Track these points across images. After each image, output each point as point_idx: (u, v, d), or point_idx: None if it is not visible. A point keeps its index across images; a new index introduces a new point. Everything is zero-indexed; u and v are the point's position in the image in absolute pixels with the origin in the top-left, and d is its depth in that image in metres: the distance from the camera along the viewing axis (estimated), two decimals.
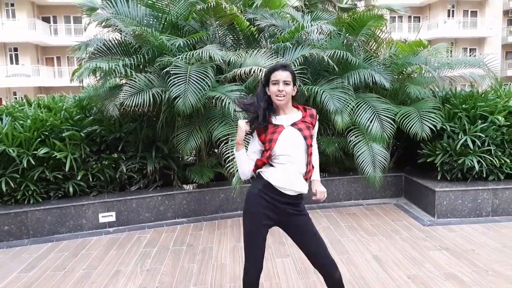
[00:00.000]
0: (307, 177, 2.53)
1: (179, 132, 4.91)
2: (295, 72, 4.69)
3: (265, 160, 2.50)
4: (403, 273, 3.63)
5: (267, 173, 2.51)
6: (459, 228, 4.67)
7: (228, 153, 4.66)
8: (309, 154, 2.52)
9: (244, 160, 2.57)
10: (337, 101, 5.06)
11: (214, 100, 4.65)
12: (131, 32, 4.87)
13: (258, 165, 2.55)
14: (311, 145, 2.51)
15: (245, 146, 2.62)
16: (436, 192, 4.96)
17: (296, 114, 2.56)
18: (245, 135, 2.55)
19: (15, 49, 25.24)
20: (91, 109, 5.44)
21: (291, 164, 2.47)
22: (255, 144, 2.56)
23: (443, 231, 4.61)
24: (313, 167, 2.60)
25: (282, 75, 2.47)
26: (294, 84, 2.54)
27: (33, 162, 4.73)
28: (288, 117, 2.53)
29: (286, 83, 2.47)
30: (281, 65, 2.56)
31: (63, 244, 4.55)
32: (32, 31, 24.42)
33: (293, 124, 2.50)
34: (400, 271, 3.67)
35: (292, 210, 2.54)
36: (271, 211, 2.53)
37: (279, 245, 4.32)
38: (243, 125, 2.50)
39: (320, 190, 2.68)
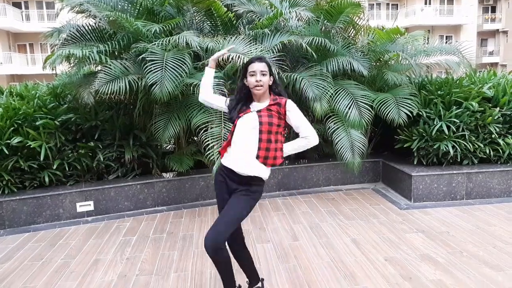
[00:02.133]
0: (262, 161, 2.61)
1: (157, 120, 4.86)
2: (274, 58, 4.73)
3: (226, 144, 2.71)
4: (381, 256, 3.71)
5: (223, 158, 2.73)
6: (434, 211, 4.79)
7: (208, 140, 4.64)
8: (262, 140, 2.59)
9: (209, 80, 2.89)
10: (316, 88, 5.07)
11: (192, 87, 4.60)
12: (105, 18, 4.76)
13: (221, 152, 2.77)
14: (267, 132, 2.59)
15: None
16: (412, 177, 5.06)
17: (265, 103, 2.68)
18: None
19: None
20: (65, 97, 5.31)
21: (243, 146, 2.62)
22: (223, 103, 2.83)
23: (419, 214, 4.72)
24: (267, 150, 2.62)
25: (258, 66, 2.62)
26: (271, 74, 2.69)
27: (7, 152, 4.61)
28: (259, 104, 2.68)
29: (263, 73, 2.62)
30: (257, 57, 2.71)
31: (40, 234, 4.47)
32: (2, 17, 23.56)
33: (258, 111, 2.63)
34: (378, 254, 3.75)
35: (237, 187, 2.66)
36: (225, 187, 2.70)
37: (260, 231, 4.35)
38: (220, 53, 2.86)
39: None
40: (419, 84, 5.79)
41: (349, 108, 5.22)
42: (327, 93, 5.17)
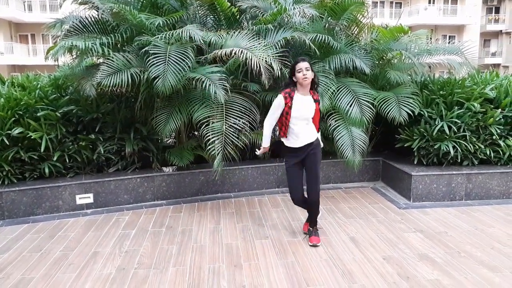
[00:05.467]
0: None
1: (158, 114, 4.85)
2: (277, 54, 4.72)
3: (285, 123, 3.77)
4: (379, 254, 3.72)
5: (287, 141, 3.83)
6: (433, 211, 4.80)
7: (209, 135, 4.64)
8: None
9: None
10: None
11: (194, 82, 4.59)
12: (109, 10, 4.74)
13: (282, 131, 3.83)
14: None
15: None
16: (412, 176, 5.06)
17: (308, 96, 3.78)
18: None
19: None
20: (67, 89, 5.30)
21: (304, 125, 3.77)
22: (279, 111, 3.77)
23: (418, 214, 4.73)
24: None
25: (304, 64, 3.64)
26: (312, 70, 3.70)
27: (7, 142, 4.61)
28: (303, 96, 3.75)
29: (307, 69, 3.64)
30: (301, 58, 3.72)
31: (39, 226, 4.48)
32: (4, 6, 23.48)
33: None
34: (376, 252, 3.76)
35: (308, 151, 3.83)
36: (296, 157, 3.86)
37: (259, 227, 4.36)
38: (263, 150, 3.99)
39: None
40: (421, 84, 5.78)
41: (350, 106, 5.22)
42: (329, 90, 5.17)
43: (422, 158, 5.32)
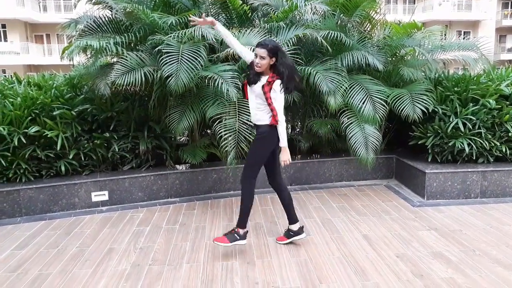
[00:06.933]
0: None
1: (171, 112, 4.89)
2: (289, 52, 4.71)
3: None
4: (392, 252, 3.70)
5: None
6: (447, 209, 4.75)
7: (222, 132, 4.66)
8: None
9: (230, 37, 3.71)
10: (330, 82, 5.05)
11: (206, 80, 4.62)
12: (122, 9, 4.79)
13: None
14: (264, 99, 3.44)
15: None
16: (426, 174, 5.02)
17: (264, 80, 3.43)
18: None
19: (3, 26, 24.72)
20: (82, 88, 5.37)
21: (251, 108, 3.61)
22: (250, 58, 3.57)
23: (432, 212, 4.69)
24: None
25: (259, 51, 3.34)
26: (272, 57, 3.36)
27: (24, 141, 4.70)
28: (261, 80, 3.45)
29: (261, 57, 3.33)
30: (258, 43, 3.44)
31: (56, 223, 4.56)
32: (20, 7, 23.88)
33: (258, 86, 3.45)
34: (389, 250, 3.74)
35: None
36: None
37: (271, 224, 4.37)
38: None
39: (282, 159, 3.60)
40: (435, 80, 5.71)
41: (363, 103, 5.19)
42: (341, 87, 5.15)
43: (436, 156, 5.26)
